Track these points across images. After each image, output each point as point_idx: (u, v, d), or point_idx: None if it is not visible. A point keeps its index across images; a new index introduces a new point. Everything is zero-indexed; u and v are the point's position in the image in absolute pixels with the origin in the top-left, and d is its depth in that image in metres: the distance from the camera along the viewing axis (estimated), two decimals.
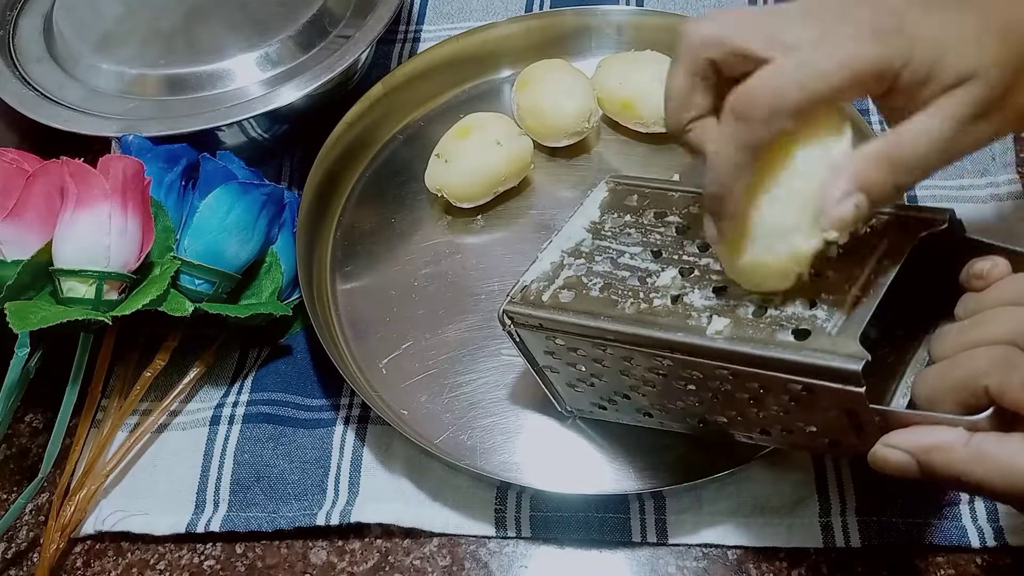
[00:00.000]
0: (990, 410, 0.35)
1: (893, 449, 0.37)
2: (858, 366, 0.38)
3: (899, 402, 0.43)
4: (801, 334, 0.40)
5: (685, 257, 0.46)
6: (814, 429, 0.43)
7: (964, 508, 0.51)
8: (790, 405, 0.42)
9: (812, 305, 0.41)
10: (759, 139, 0.38)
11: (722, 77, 0.40)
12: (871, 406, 0.38)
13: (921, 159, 0.38)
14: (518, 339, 0.50)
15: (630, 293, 0.45)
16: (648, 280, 0.46)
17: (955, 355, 0.38)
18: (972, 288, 0.40)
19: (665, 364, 0.44)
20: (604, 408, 0.52)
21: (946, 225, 0.42)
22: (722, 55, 0.40)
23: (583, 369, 0.49)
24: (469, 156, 0.64)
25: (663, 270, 0.46)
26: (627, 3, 0.78)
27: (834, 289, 0.41)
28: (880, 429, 0.38)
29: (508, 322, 0.49)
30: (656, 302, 0.44)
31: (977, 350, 0.37)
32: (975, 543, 0.50)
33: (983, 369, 0.36)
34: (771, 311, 0.42)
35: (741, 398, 0.43)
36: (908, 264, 0.41)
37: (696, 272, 0.45)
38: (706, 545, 0.52)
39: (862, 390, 0.38)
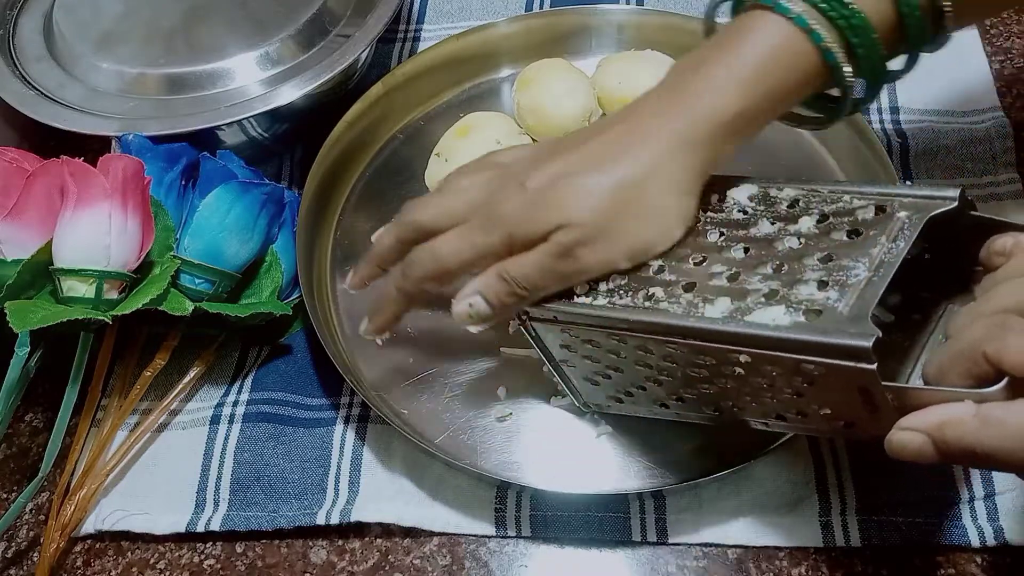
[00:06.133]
0: (1004, 381, 0.35)
1: (907, 431, 0.37)
2: (868, 343, 0.37)
3: (914, 382, 0.43)
4: (812, 315, 0.40)
5: (697, 247, 0.46)
6: (828, 411, 0.42)
7: (964, 508, 0.51)
8: (803, 387, 0.42)
9: (823, 287, 0.41)
10: None
11: None
12: (883, 383, 0.38)
13: (526, 279, 0.46)
14: (534, 334, 0.50)
15: (642, 283, 0.45)
16: (661, 271, 0.46)
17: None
18: (993, 265, 0.40)
19: (678, 351, 0.44)
20: (621, 401, 0.52)
21: (956, 204, 0.41)
22: None
23: (599, 362, 0.49)
24: (469, 156, 0.63)
25: (676, 262, 0.46)
26: (627, 3, 0.78)
27: (845, 270, 0.41)
28: (895, 408, 0.38)
29: (524, 317, 0.48)
30: (668, 291, 0.44)
31: (978, 320, 0.37)
32: (975, 543, 0.50)
33: (980, 336, 0.36)
34: (782, 294, 0.42)
35: (754, 383, 0.43)
36: (921, 246, 0.41)
37: (708, 262, 0.45)
38: (706, 544, 0.52)
39: (874, 367, 0.38)
